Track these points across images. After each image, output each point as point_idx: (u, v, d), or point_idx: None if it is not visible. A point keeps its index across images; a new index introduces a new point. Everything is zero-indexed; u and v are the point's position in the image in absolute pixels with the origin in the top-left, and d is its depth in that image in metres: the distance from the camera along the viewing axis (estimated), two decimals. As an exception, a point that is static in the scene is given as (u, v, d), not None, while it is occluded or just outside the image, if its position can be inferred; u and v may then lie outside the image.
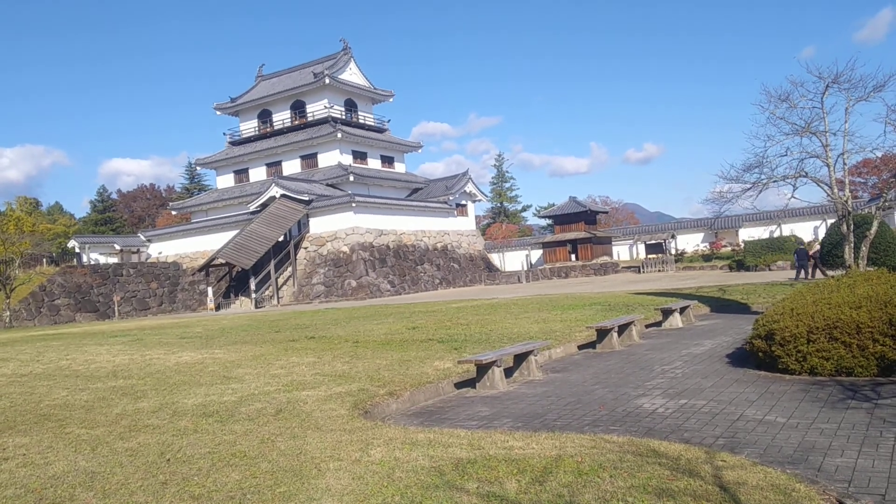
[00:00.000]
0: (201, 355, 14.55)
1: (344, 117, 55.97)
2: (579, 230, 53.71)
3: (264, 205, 46.93)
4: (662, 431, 6.68)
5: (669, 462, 5.39)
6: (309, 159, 54.47)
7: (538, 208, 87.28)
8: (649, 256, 52.15)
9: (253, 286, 43.85)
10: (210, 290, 45.47)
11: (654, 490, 4.75)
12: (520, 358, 10.70)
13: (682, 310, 16.69)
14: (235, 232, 46.27)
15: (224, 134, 61.31)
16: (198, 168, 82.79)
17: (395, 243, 47.67)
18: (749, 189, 17.52)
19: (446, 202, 54.15)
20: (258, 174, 56.75)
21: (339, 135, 51.68)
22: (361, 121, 57.89)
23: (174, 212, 63.67)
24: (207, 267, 45.03)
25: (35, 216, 76.74)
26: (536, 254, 60.66)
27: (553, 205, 68.98)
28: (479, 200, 61.29)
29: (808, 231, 49.49)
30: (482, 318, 18.73)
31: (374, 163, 56.48)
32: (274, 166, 55.76)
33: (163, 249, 53.94)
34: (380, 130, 59.33)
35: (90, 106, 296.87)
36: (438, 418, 8.12)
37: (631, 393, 8.74)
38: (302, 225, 47.06)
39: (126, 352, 16.41)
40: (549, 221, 61.62)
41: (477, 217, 66.79)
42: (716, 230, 52.94)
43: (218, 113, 60.62)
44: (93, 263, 51.10)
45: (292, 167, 54.85)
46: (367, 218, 46.03)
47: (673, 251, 52.05)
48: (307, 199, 45.87)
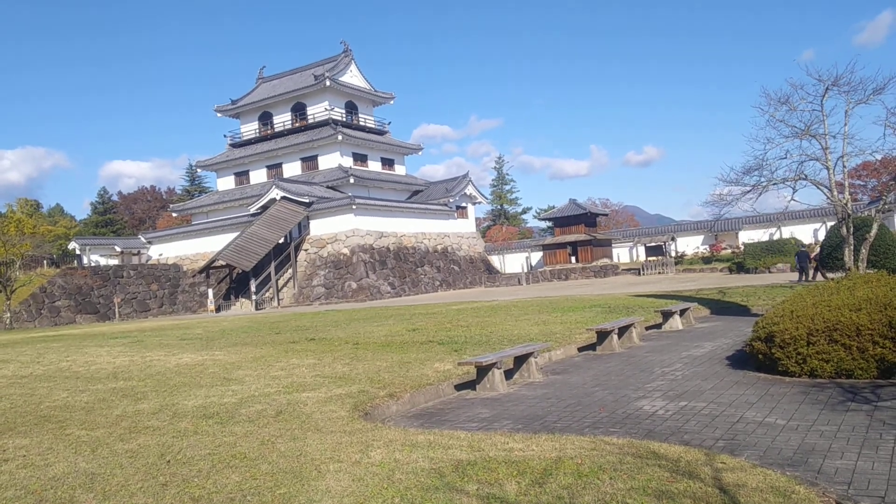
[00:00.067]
0: (202, 357, 14.56)
1: (344, 119, 56.02)
2: (579, 232, 53.73)
3: (265, 207, 46.96)
4: (662, 433, 6.68)
5: (669, 464, 5.40)
6: (309, 161, 54.50)
7: (538, 211, 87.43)
8: (649, 259, 52.16)
9: (253, 288, 43.86)
10: (210, 292, 45.48)
11: (654, 492, 4.76)
12: (520, 360, 10.71)
13: (683, 312, 16.70)
14: (236, 234, 46.30)
15: (224, 136, 61.38)
16: (198, 170, 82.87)
17: (396, 245, 47.68)
18: (749, 191, 17.56)
19: (446, 204, 54.18)
20: (259, 176, 56.79)
21: (340, 137, 51.72)
22: (362, 123, 57.93)
23: (175, 214, 63.71)
24: (208, 269, 45.06)
25: (36, 218, 76.77)
26: (536, 256, 60.67)
27: (553, 207, 69.03)
28: (480, 203, 61.33)
29: (808, 233, 49.52)
30: (482, 320, 18.74)
31: (375, 165, 56.52)
32: (274, 168, 55.80)
33: (163, 251, 53.94)
34: (380, 133, 59.37)
35: (91, 108, 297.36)
36: (438, 420, 8.12)
37: (631, 395, 8.74)
38: (302, 227, 47.08)
39: (126, 353, 16.42)
40: (549, 224, 61.59)
41: (477, 219, 66.83)
42: (716, 233, 52.96)
43: (218, 115, 60.64)
44: (93, 265, 51.14)
45: (293, 169, 54.89)
46: (368, 220, 46.06)
47: (673, 253, 52.05)
48: (308, 202, 45.90)
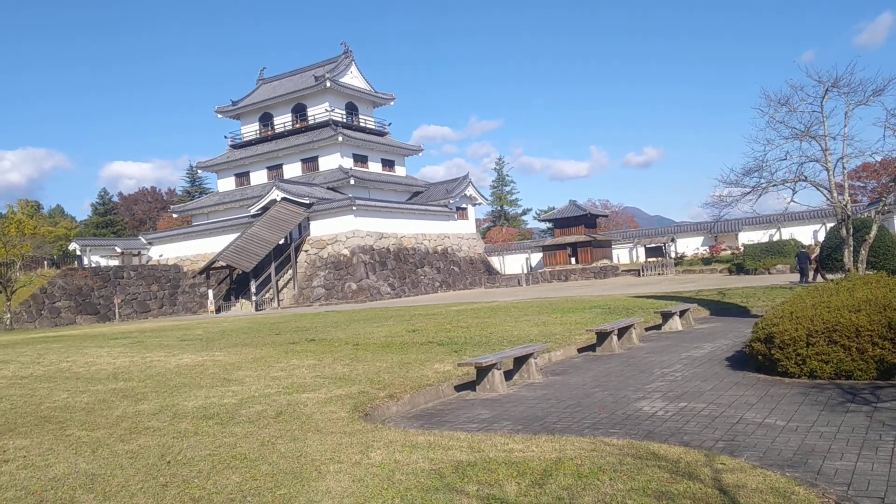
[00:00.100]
0: (202, 358, 14.56)
1: (345, 121, 56.05)
2: (579, 234, 53.75)
3: (265, 208, 46.98)
4: (662, 434, 6.69)
5: (669, 465, 5.40)
6: (310, 162, 54.53)
7: (538, 212, 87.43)
8: (649, 260, 52.16)
9: (253, 289, 43.87)
10: (210, 293, 45.49)
11: (654, 493, 4.76)
12: (520, 361, 10.71)
13: (682, 313, 16.70)
14: (236, 235, 46.31)
15: (225, 137, 61.43)
16: (199, 171, 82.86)
17: (396, 246, 47.69)
18: (749, 193, 17.55)
19: (447, 205, 54.18)
20: (259, 177, 56.82)
21: (340, 138, 51.75)
22: (362, 124, 57.96)
23: (175, 215, 63.72)
24: (208, 270, 45.07)
25: (36, 219, 76.65)
26: (536, 257, 60.68)
27: (553, 208, 69.05)
28: (480, 204, 61.33)
29: (808, 235, 49.54)
30: (482, 321, 18.74)
31: (375, 166, 56.54)
32: (275, 169, 55.83)
33: (164, 252, 53.95)
34: (380, 134, 59.39)
35: (91, 109, 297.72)
36: (438, 421, 8.13)
37: (631, 396, 8.75)
38: (302, 228, 47.09)
39: (126, 354, 16.43)
40: (549, 225, 61.64)
41: (477, 220, 66.82)
42: (715, 234, 52.98)
43: (219, 116, 60.65)
44: (94, 266, 51.14)
45: (293, 170, 54.92)
46: (368, 221, 46.07)
47: (673, 255, 52.06)
48: (308, 203, 45.92)
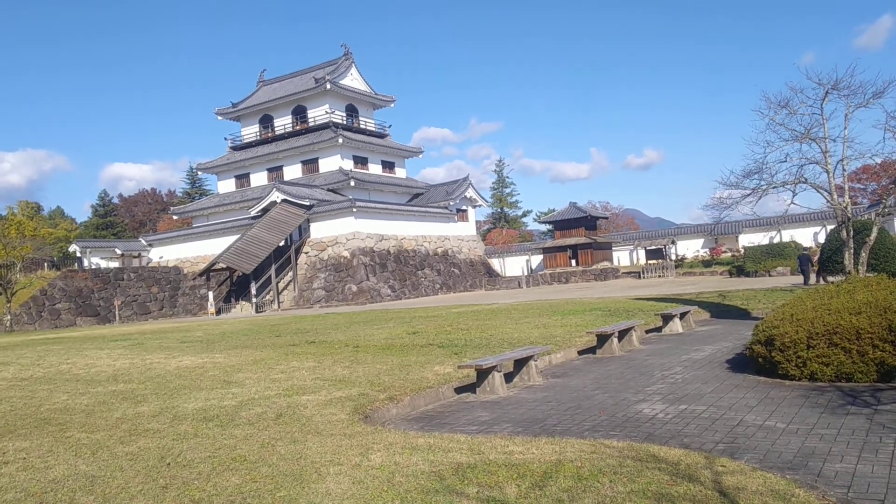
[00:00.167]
0: (202, 360, 14.56)
1: (345, 122, 56.08)
2: (580, 236, 53.75)
3: (265, 209, 46.99)
4: (662, 436, 6.68)
5: (669, 467, 5.40)
6: (310, 164, 54.56)
7: (538, 214, 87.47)
8: (649, 262, 52.17)
9: (254, 291, 43.87)
10: (211, 295, 45.48)
11: (654, 495, 4.76)
12: (520, 363, 10.71)
13: (683, 315, 16.69)
14: (236, 237, 46.32)
15: (225, 139, 61.48)
16: (199, 173, 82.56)
17: (396, 248, 47.70)
18: (749, 195, 17.51)
19: (447, 207, 54.20)
20: (259, 179, 56.85)
21: (340, 140, 51.78)
22: (362, 126, 58.00)
23: (175, 216, 63.73)
24: (208, 271, 45.08)
25: (36, 220, 76.68)
26: (537, 259, 60.68)
27: (553, 210, 69.05)
28: (480, 206, 61.35)
29: (808, 237, 49.55)
30: (482, 323, 18.74)
31: (375, 168, 56.57)
32: (275, 171, 55.87)
33: (164, 254, 53.96)
34: (381, 136, 59.42)
35: (92, 110, 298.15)
36: (438, 423, 8.12)
37: (631, 398, 8.74)
38: (303, 230, 47.11)
39: (126, 356, 16.43)
40: (550, 227, 61.64)
41: (477, 222, 66.82)
42: (716, 236, 52.97)
43: (219, 118, 60.72)
44: (94, 268, 51.16)
45: (293, 172, 54.94)
46: (368, 223, 46.09)
47: (673, 257, 52.07)
48: (308, 204, 45.93)
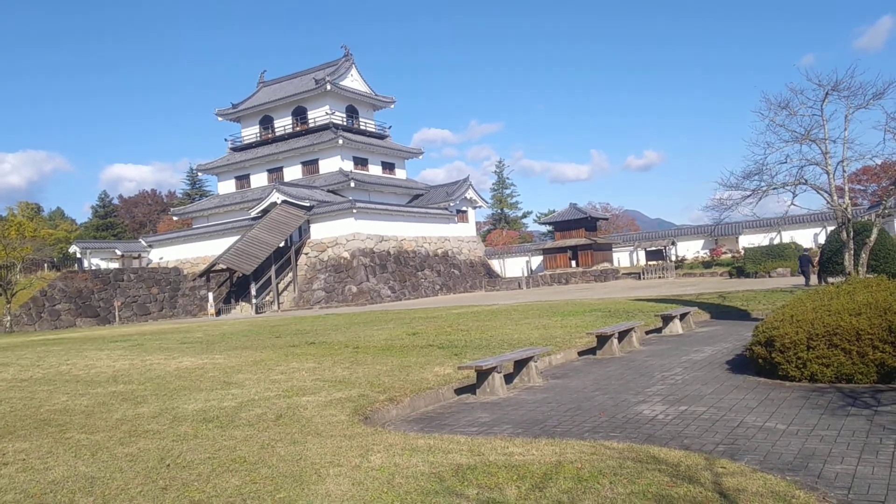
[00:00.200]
0: (202, 360, 14.55)
1: (345, 124, 56.09)
2: (580, 237, 53.76)
3: (265, 210, 47.00)
4: (662, 438, 6.68)
5: (669, 468, 5.40)
6: (310, 165, 54.57)
7: (539, 215, 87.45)
8: (649, 263, 52.17)
9: (253, 291, 43.86)
10: (211, 296, 45.48)
11: (654, 496, 4.76)
12: (520, 364, 10.70)
13: (683, 316, 16.69)
14: (236, 238, 46.32)
15: (225, 140, 61.49)
16: (199, 174, 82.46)
17: (396, 249, 47.70)
18: (749, 196, 17.54)
19: (447, 208, 54.20)
20: (259, 180, 56.86)
21: (341, 141, 51.79)
22: (362, 127, 58.01)
23: (175, 217, 63.76)
24: (208, 272, 45.08)
25: (36, 221, 76.61)
26: (537, 260, 60.69)
27: (553, 211, 69.08)
28: (480, 207, 61.35)
29: (808, 238, 49.54)
30: (482, 324, 18.73)
31: (375, 169, 56.58)
32: (275, 172, 55.87)
33: (164, 255, 53.96)
34: (381, 137, 59.44)
35: (92, 112, 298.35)
36: (438, 424, 8.12)
37: (631, 399, 8.74)
38: (303, 231, 47.11)
39: (126, 357, 16.42)
40: (550, 228, 61.66)
41: (477, 223, 66.83)
42: (716, 237, 52.98)
43: (219, 119, 60.72)
44: (94, 269, 51.17)
45: (293, 173, 54.95)
46: (368, 224, 46.09)
47: (673, 258, 52.08)
48: (308, 205, 45.94)
